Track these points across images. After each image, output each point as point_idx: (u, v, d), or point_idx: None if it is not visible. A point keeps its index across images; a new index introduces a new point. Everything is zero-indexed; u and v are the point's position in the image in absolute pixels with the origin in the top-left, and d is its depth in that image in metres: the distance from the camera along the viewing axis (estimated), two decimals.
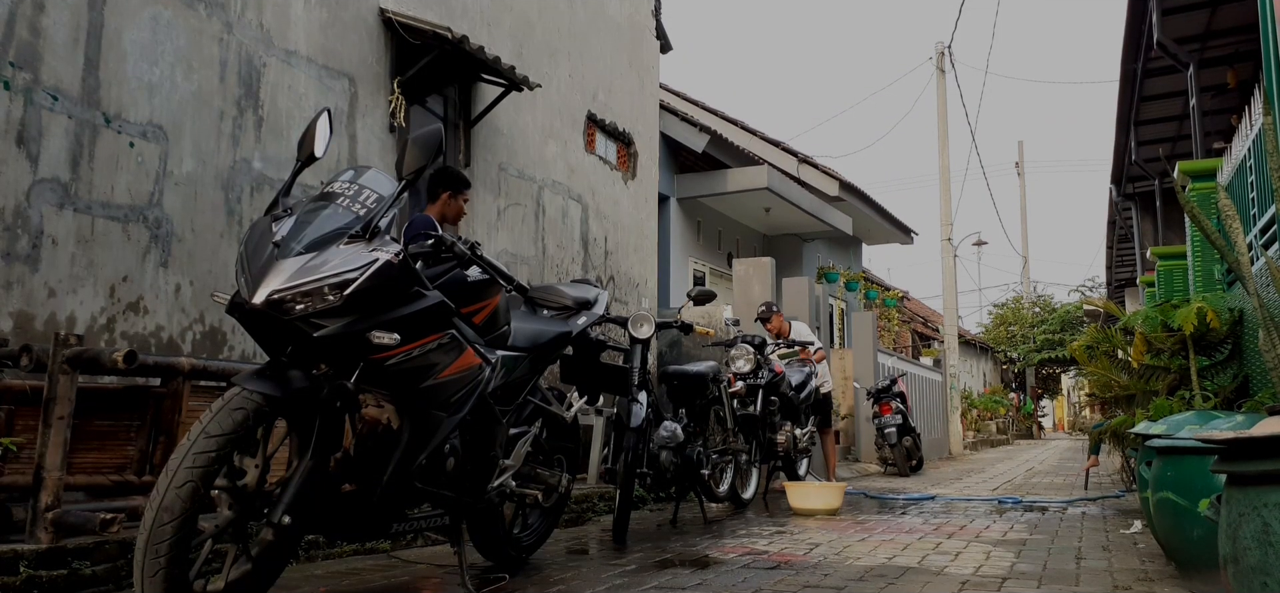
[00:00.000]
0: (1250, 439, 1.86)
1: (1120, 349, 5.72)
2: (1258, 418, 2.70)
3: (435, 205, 4.76)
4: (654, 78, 9.52)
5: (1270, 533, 1.76)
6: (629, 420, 4.65)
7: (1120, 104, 10.59)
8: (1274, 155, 2.60)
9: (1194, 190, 5.45)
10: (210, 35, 4.69)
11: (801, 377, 7.38)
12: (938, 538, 4.73)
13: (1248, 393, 4.48)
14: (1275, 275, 2.95)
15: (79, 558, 3.04)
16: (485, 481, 3.27)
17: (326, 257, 2.47)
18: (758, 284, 9.12)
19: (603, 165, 8.38)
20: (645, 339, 4.83)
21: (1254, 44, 7.34)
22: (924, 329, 23.66)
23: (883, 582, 3.46)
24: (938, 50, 16.87)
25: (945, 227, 16.52)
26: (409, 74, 5.89)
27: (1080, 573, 3.70)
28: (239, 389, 2.37)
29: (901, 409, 10.44)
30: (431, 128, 2.81)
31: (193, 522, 2.23)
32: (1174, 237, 11.09)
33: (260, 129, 4.96)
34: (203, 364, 3.67)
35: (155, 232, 4.35)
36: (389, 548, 4.13)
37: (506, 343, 3.33)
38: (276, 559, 2.63)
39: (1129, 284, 17.58)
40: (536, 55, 7.35)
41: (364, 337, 2.52)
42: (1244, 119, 5.11)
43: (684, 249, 12.30)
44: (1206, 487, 2.72)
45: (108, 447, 3.43)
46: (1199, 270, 5.73)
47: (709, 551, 4.27)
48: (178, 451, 2.26)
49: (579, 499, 5.47)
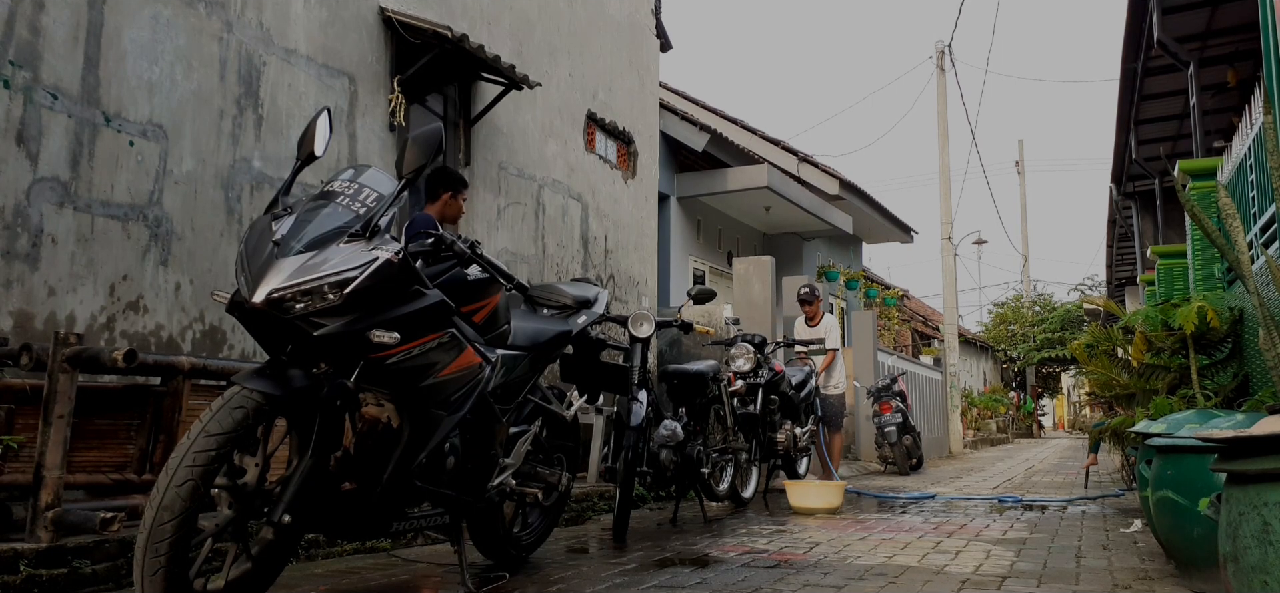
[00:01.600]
0: (1250, 438, 1.86)
1: (1120, 348, 5.72)
2: (1258, 417, 2.70)
3: (435, 205, 4.77)
4: (654, 77, 9.52)
5: (1270, 532, 1.76)
6: (629, 419, 4.65)
7: (1120, 103, 10.59)
8: (1274, 154, 2.59)
9: (1194, 189, 5.45)
10: (210, 34, 4.69)
11: (801, 376, 7.39)
12: (938, 537, 4.73)
13: (1248, 392, 4.48)
14: (1275, 274, 2.95)
15: (79, 557, 3.04)
16: (485, 479, 3.27)
17: (326, 255, 2.47)
18: (758, 283, 9.11)
19: (603, 164, 8.38)
20: (645, 338, 4.83)
21: (1254, 43, 7.34)
22: (924, 328, 23.66)
23: (883, 581, 3.46)
24: (938, 49, 16.86)
25: (945, 225, 16.52)
26: (409, 73, 5.89)
27: (1080, 572, 3.70)
28: (239, 388, 2.37)
29: (901, 408, 10.45)
30: (431, 127, 2.81)
31: (193, 521, 2.23)
32: (1174, 235, 11.09)
33: (260, 128, 4.95)
34: (203, 363, 3.67)
35: (155, 230, 4.35)
36: (389, 547, 4.13)
37: (506, 342, 3.33)
38: (277, 558, 2.63)
39: (1129, 283, 17.58)
40: (536, 54, 7.35)
41: (364, 335, 2.52)
42: (1244, 118, 5.11)
43: (684, 248, 12.30)
44: (1206, 486, 2.72)
45: (108, 446, 3.43)
46: (1199, 269, 5.73)
47: (709, 549, 4.27)
48: (178, 449, 2.26)
49: (579, 498, 5.47)
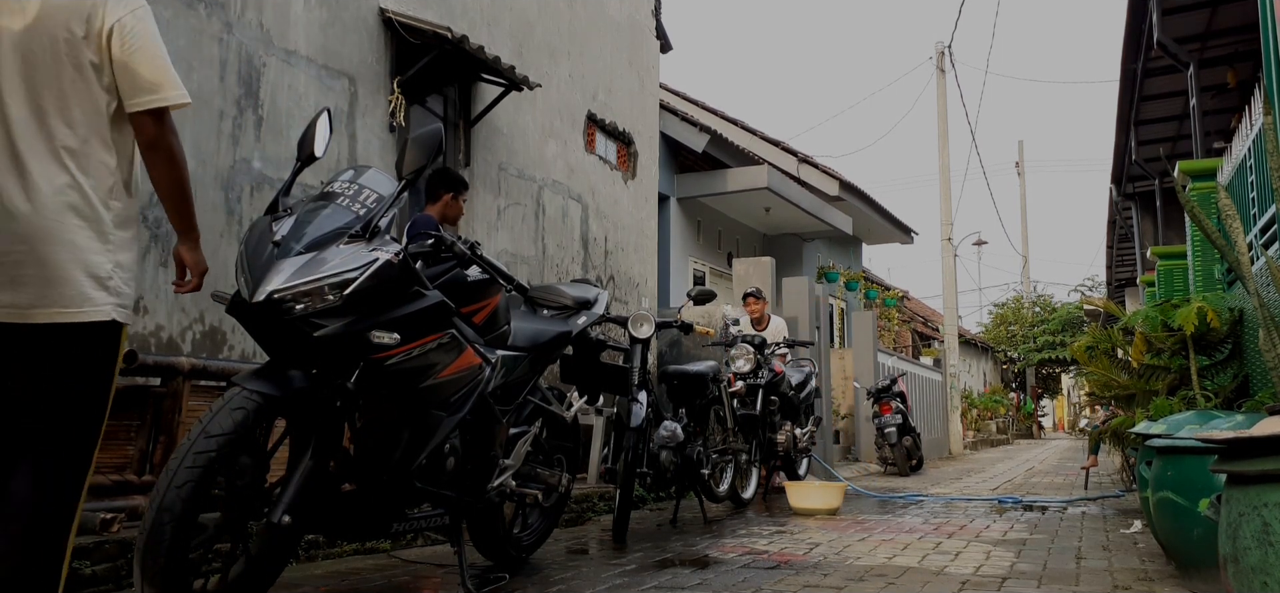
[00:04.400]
0: (1250, 439, 1.86)
1: (1120, 349, 5.72)
2: (1258, 418, 2.69)
3: (436, 206, 4.77)
4: (654, 77, 9.52)
5: (1270, 533, 1.76)
6: (629, 420, 4.65)
7: (1120, 104, 10.58)
8: (1274, 155, 2.60)
9: (1194, 190, 5.45)
10: (210, 35, 4.69)
11: (801, 377, 7.39)
12: (938, 538, 4.73)
13: (1248, 393, 4.48)
14: (1275, 275, 2.95)
15: (79, 558, 3.04)
16: (485, 480, 3.27)
17: (326, 256, 2.48)
18: (758, 284, 9.11)
19: (603, 165, 8.38)
20: (645, 339, 4.83)
21: (1254, 44, 7.34)
22: (924, 329, 23.65)
23: (883, 582, 3.46)
24: (938, 50, 16.86)
25: (945, 226, 16.52)
26: (409, 74, 5.89)
27: (1080, 573, 3.70)
28: (239, 389, 2.37)
29: (901, 409, 10.44)
30: (431, 127, 2.81)
31: (193, 522, 2.23)
32: (1174, 236, 11.09)
33: (260, 129, 4.95)
34: (202, 364, 3.67)
35: (155, 231, 4.35)
36: (389, 548, 4.13)
37: (506, 343, 3.33)
38: (276, 559, 2.63)
39: (1129, 284, 17.58)
40: (536, 55, 7.35)
41: (364, 336, 2.52)
42: (1244, 119, 5.11)
43: (684, 249, 12.30)
44: (1206, 486, 2.72)
45: (107, 446, 3.42)
46: (1199, 270, 5.73)
47: (709, 550, 4.27)
48: (178, 450, 2.26)
49: (579, 499, 5.47)
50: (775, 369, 6.75)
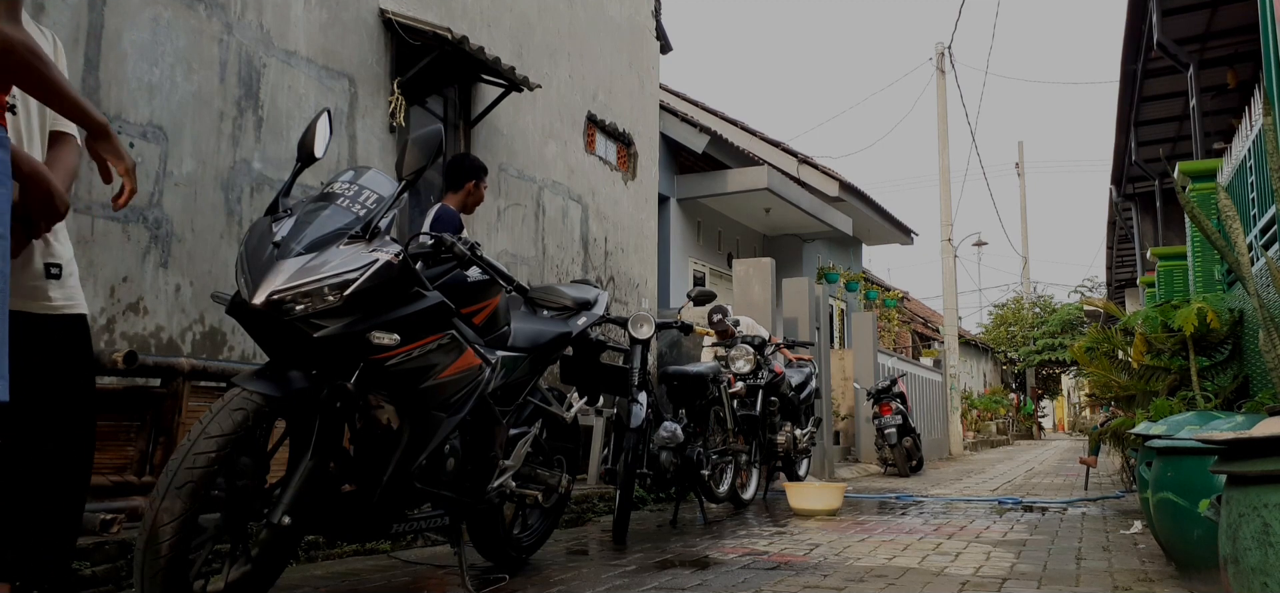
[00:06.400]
0: (1250, 440, 1.86)
1: (1120, 350, 5.71)
2: (1258, 418, 2.69)
3: (459, 194, 4.82)
4: (654, 78, 9.52)
5: (1270, 533, 1.76)
6: (629, 421, 4.65)
7: (1120, 104, 10.59)
8: (1274, 156, 2.59)
9: (1194, 191, 5.45)
10: (210, 36, 4.69)
11: (801, 377, 7.39)
12: (938, 538, 4.73)
13: (1248, 393, 4.48)
14: (1275, 276, 2.95)
15: (79, 558, 3.03)
16: (485, 481, 3.27)
17: (326, 257, 2.48)
18: (758, 284, 9.11)
19: (603, 166, 8.38)
20: (645, 340, 4.83)
21: (1254, 44, 7.34)
22: (924, 329, 23.66)
23: (883, 582, 3.46)
24: (938, 51, 16.87)
25: (945, 227, 16.52)
26: (409, 74, 5.89)
27: (1080, 574, 3.70)
28: (239, 390, 2.37)
29: (901, 410, 10.44)
30: (431, 128, 2.81)
31: (193, 522, 2.23)
32: (1174, 237, 11.10)
33: (260, 130, 4.95)
34: (203, 365, 3.67)
35: (155, 232, 4.35)
36: (389, 548, 4.13)
37: (506, 343, 3.33)
38: (276, 560, 2.63)
39: (1129, 284, 17.58)
40: (536, 56, 7.35)
41: (364, 337, 2.52)
42: (1244, 119, 5.11)
43: (684, 249, 12.30)
44: (1206, 487, 2.73)
45: (108, 447, 3.43)
46: (1199, 271, 5.73)
47: (709, 551, 4.27)
48: (178, 451, 2.26)
49: (579, 500, 5.47)
50: (775, 370, 6.76)
